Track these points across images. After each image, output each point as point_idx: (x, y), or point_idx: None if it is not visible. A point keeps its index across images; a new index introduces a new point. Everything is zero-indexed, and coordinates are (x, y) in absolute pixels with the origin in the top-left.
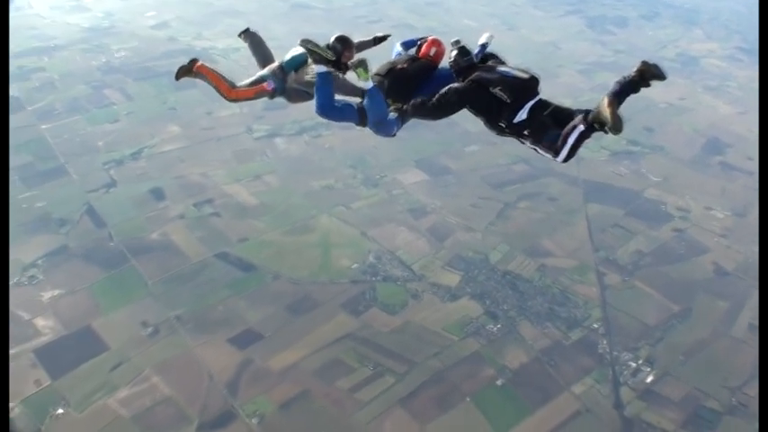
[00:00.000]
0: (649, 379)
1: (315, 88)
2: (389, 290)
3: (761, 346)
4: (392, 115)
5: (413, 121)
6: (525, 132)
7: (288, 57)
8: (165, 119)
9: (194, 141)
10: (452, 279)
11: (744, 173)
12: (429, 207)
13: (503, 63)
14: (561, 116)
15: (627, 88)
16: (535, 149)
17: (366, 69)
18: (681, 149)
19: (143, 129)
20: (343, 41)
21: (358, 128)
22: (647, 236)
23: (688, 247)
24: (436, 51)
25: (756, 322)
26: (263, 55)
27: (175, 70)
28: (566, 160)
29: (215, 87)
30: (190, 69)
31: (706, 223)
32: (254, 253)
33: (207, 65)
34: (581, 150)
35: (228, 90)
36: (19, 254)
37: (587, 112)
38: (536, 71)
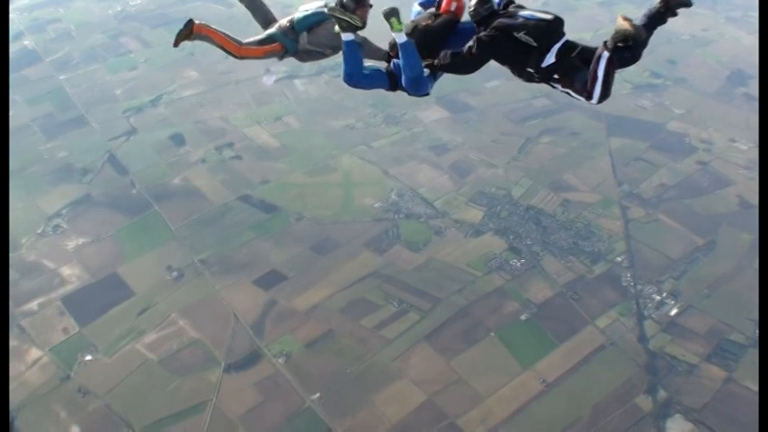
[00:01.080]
0: (673, 312)
1: (343, 56)
2: (412, 227)
3: (761, 347)
4: (426, 71)
5: None
6: (555, 76)
7: (299, 15)
8: (183, 64)
9: (213, 86)
10: (475, 215)
11: None
12: (450, 144)
13: (523, 8)
14: (589, 56)
15: (654, 20)
16: (568, 93)
17: (399, 20)
18: (704, 81)
19: (161, 75)
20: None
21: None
22: (670, 169)
23: (712, 179)
24: (457, 6)
25: None
26: (262, 15)
27: (177, 32)
28: (600, 100)
29: (221, 47)
30: (189, 33)
31: (730, 155)
32: (276, 194)
33: (207, 24)
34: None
35: (237, 48)
36: (43, 204)
37: (606, 41)
38: (557, 8)
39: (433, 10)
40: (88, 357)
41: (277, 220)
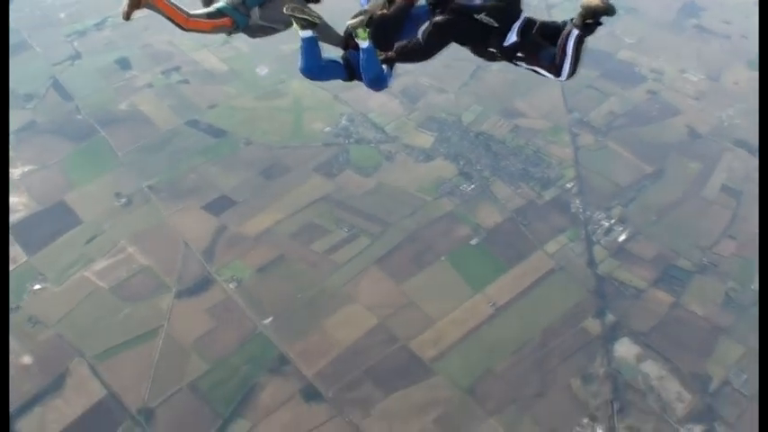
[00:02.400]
0: (622, 238)
1: (300, 50)
2: (363, 152)
3: (761, 347)
4: (384, 67)
5: None
6: (519, 54)
7: None
8: None
9: None
10: (426, 140)
11: (719, 36)
12: (401, 68)
13: None
14: (550, 31)
15: None
16: (534, 70)
17: (366, 31)
18: (656, 12)
19: None
20: None
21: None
22: (620, 97)
23: (661, 109)
24: None
25: (729, 183)
26: None
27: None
28: (569, 77)
29: (168, 17)
30: (138, 3)
31: (680, 86)
32: (224, 119)
33: None
34: (553, 12)
35: (185, 20)
36: None
37: (571, 19)
38: None
39: None
40: (37, 287)
41: (225, 145)
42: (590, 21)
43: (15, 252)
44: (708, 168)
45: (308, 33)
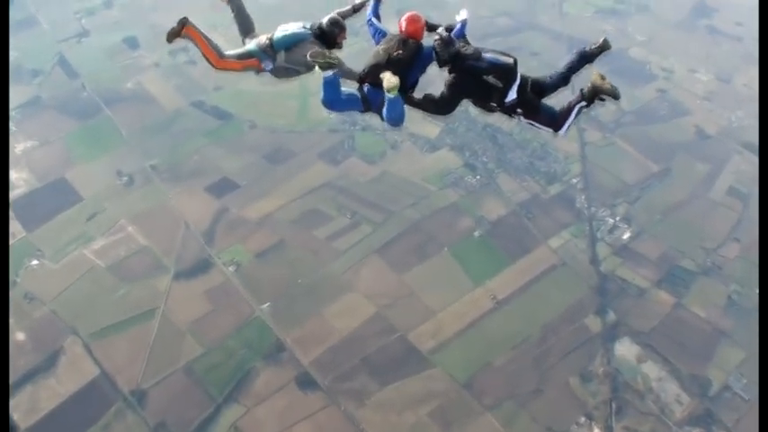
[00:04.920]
0: (626, 236)
1: (323, 85)
2: (368, 139)
3: (761, 347)
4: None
5: None
6: (518, 110)
7: (279, 35)
8: None
9: None
10: (432, 130)
11: (730, 38)
12: None
13: (480, 49)
14: (539, 87)
15: (583, 59)
16: (531, 124)
17: (396, 91)
18: (667, 11)
19: None
20: (337, 24)
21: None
22: (629, 95)
23: (670, 107)
24: (418, 28)
25: (737, 186)
26: (244, 22)
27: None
28: (565, 133)
29: (202, 53)
30: (179, 32)
31: (689, 85)
32: (230, 101)
33: (196, 28)
34: (565, 6)
35: (217, 60)
36: None
37: (582, 91)
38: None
39: (395, 34)
40: (35, 263)
41: (230, 128)
42: (596, 98)
43: (14, 227)
44: (715, 170)
45: (329, 74)
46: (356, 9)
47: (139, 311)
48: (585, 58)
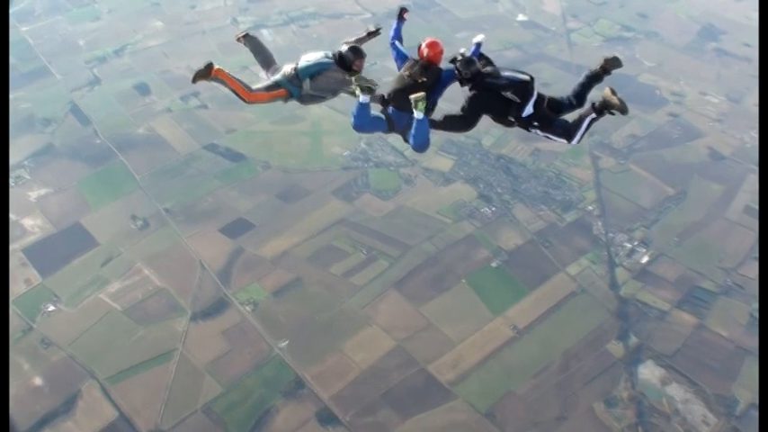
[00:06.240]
0: (644, 260)
1: (356, 110)
2: (382, 175)
3: (761, 347)
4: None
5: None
6: (535, 123)
7: (303, 64)
8: (148, 14)
9: (178, 36)
10: (445, 164)
11: (739, 59)
12: None
13: (500, 69)
14: (556, 105)
15: (592, 81)
16: (547, 137)
17: (424, 105)
18: (675, 36)
19: (125, 25)
20: (356, 51)
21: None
22: (641, 120)
23: (683, 131)
24: (437, 53)
25: (753, 205)
26: (263, 56)
27: (196, 69)
28: (578, 142)
29: (233, 91)
30: (207, 74)
31: (701, 108)
32: (242, 143)
33: (223, 69)
34: (573, 37)
35: (247, 94)
36: None
37: (593, 104)
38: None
39: (417, 60)
40: (51, 308)
41: (243, 169)
42: (606, 111)
43: (30, 274)
44: (731, 190)
45: (367, 99)
46: (370, 35)
47: (157, 353)
48: (593, 78)
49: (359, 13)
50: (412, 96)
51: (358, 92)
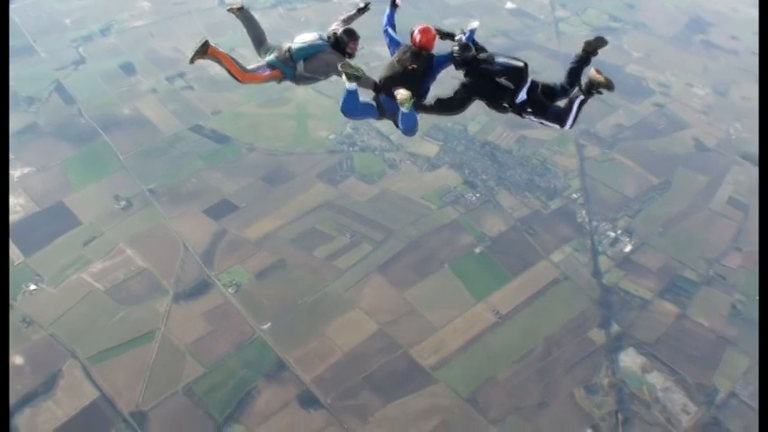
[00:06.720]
0: (628, 248)
1: (344, 95)
2: (367, 159)
3: (761, 347)
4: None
5: None
6: (528, 109)
7: (296, 46)
8: None
9: (165, 16)
10: (431, 149)
11: (726, 51)
12: None
13: (494, 54)
14: (549, 91)
15: (581, 64)
16: (541, 122)
17: (411, 102)
18: (663, 27)
19: (112, 4)
20: (350, 34)
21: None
22: (627, 110)
23: (668, 122)
24: (430, 39)
25: (736, 196)
26: (255, 32)
27: (194, 48)
28: (570, 127)
29: (228, 70)
30: (204, 51)
31: (687, 99)
32: (228, 125)
33: (218, 48)
34: (561, 26)
35: (242, 74)
36: None
37: (579, 85)
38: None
39: (409, 46)
40: (33, 287)
41: (228, 151)
42: (593, 90)
43: (12, 253)
44: (715, 181)
45: (354, 86)
46: (360, 11)
47: (139, 334)
48: (581, 62)
49: None
50: (398, 97)
51: (344, 79)
